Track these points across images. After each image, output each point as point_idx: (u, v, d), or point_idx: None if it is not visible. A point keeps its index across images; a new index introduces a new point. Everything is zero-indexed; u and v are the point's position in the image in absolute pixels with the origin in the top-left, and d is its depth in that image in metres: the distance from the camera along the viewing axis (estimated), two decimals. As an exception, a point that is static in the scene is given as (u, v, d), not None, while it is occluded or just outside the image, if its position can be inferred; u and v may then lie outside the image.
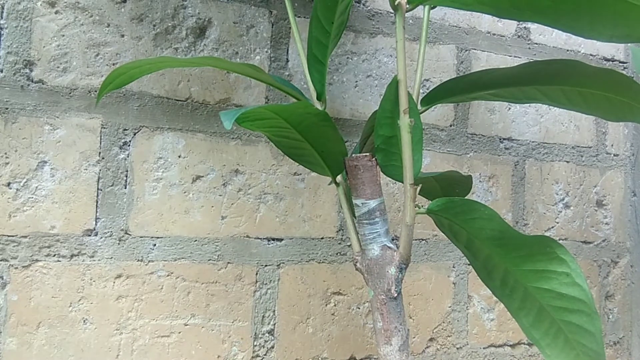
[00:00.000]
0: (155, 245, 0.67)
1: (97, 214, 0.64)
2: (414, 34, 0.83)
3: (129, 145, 0.66)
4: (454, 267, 0.85)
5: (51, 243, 0.62)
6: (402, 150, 0.53)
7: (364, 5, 0.79)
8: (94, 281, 0.64)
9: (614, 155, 1.00)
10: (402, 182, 0.54)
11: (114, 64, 0.65)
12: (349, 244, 0.77)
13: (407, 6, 0.53)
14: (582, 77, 0.57)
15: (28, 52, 0.62)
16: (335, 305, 0.77)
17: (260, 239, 0.72)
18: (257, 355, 0.72)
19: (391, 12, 0.81)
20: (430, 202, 0.56)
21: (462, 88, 0.63)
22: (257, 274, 0.72)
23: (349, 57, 0.78)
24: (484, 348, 0.87)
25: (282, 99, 0.73)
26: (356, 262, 0.57)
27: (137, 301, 0.66)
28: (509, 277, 0.54)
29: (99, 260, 0.64)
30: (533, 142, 0.92)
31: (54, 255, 0.63)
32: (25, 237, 0.62)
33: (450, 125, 0.85)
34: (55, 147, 0.63)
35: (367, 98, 0.79)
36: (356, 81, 0.79)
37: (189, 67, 0.69)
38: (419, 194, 0.56)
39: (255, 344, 0.72)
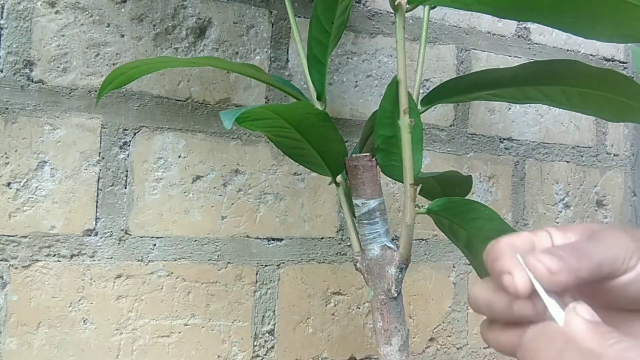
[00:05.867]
0: (155, 245, 0.67)
1: (97, 214, 0.64)
2: (414, 34, 0.83)
3: (129, 145, 0.66)
4: (454, 267, 0.85)
5: (51, 243, 0.62)
6: (402, 150, 0.53)
7: (364, 5, 0.79)
8: (94, 281, 0.64)
9: (614, 155, 1.00)
10: (402, 182, 0.54)
11: (114, 64, 0.65)
12: (349, 244, 0.77)
13: (407, 6, 0.53)
14: (582, 77, 0.57)
15: (28, 52, 0.62)
16: (335, 305, 0.77)
17: (260, 239, 0.72)
18: (257, 355, 0.72)
19: (391, 12, 0.80)
20: (430, 202, 0.56)
21: (462, 88, 0.63)
22: (257, 274, 0.72)
23: (349, 57, 0.78)
24: (484, 348, 0.87)
25: (282, 99, 0.73)
26: (356, 262, 0.57)
27: (137, 301, 0.66)
28: (509, 277, 0.54)
29: (99, 260, 0.64)
30: (533, 142, 0.92)
31: (54, 255, 0.63)
32: (25, 237, 0.61)
33: (450, 125, 0.85)
34: (55, 147, 0.63)
35: (367, 98, 0.79)
36: (356, 81, 0.79)
37: (189, 67, 0.69)
38: (419, 194, 0.56)
39: (255, 344, 0.72)
